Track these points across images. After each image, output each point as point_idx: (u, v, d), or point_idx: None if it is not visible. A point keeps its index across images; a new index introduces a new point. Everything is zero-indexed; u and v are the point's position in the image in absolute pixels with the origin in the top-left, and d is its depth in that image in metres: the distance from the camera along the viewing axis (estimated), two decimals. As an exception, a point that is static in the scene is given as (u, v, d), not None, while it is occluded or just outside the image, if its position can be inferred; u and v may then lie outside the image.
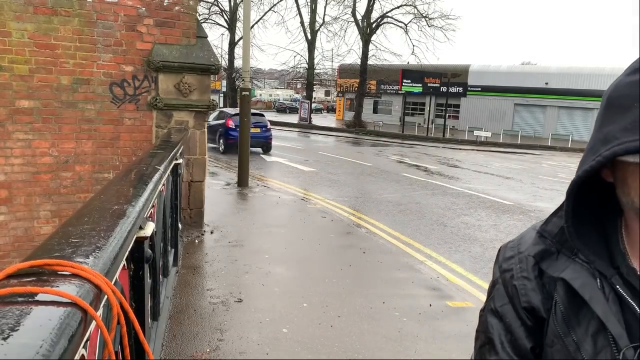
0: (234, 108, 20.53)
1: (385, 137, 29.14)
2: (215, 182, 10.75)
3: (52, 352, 0.76)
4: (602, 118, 0.77)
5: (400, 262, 6.16)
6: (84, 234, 1.43)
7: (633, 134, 0.70)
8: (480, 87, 35.66)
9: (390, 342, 4.01)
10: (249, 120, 10.69)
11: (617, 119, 0.74)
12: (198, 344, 3.81)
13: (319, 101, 63.99)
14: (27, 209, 6.02)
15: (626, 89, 0.75)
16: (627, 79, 0.76)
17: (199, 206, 7.15)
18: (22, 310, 0.85)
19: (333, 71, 44.50)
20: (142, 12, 6.23)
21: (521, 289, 0.90)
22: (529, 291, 0.89)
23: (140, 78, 6.34)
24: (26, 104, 5.87)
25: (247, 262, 5.75)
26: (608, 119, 0.75)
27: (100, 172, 6.30)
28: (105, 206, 1.89)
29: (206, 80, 6.73)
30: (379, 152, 20.52)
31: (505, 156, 22.02)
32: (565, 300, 0.83)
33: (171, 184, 4.55)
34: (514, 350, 0.92)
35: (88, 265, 1.13)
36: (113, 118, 6.30)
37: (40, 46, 5.83)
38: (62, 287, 0.97)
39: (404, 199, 10.34)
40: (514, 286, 0.91)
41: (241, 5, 31.90)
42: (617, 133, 0.72)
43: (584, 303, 0.81)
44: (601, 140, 0.74)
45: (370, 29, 32.94)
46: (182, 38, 6.47)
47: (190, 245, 6.32)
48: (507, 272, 0.93)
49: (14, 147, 5.89)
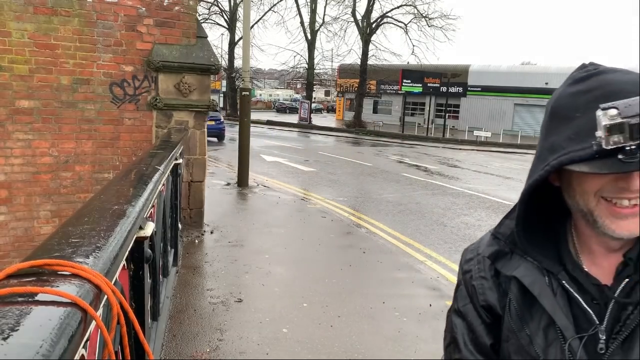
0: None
1: (385, 137, 29.14)
2: (215, 182, 10.75)
3: (52, 352, 0.76)
4: (548, 127, 0.81)
5: (400, 262, 6.16)
6: (84, 234, 1.43)
7: (577, 144, 0.74)
8: (480, 87, 35.64)
9: (390, 342, 4.01)
10: (249, 120, 10.69)
11: (561, 129, 0.78)
12: (198, 344, 3.81)
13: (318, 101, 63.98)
14: (27, 209, 6.02)
15: (568, 100, 0.79)
16: (569, 89, 0.80)
17: (198, 206, 7.15)
18: (22, 310, 0.85)
19: (333, 71, 44.49)
20: (142, 12, 6.23)
21: (479, 288, 0.95)
22: (486, 290, 0.94)
23: (140, 78, 6.34)
24: (26, 104, 5.87)
25: (247, 262, 5.75)
26: (553, 128, 0.80)
27: (100, 172, 6.30)
28: (105, 206, 1.89)
29: (206, 80, 6.73)
30: (378, 152, 20.52)
31: (506, 156, 22.01)
32: (519, 298, 0.88)
33: (171, 184, 4.55)
34: (475, 347, 0.97)
35: (88, 265, 1.13)
36: (113, 118, 6.30)
37: (40, 46, 5.83)
38: (62, 287, 0.97)
39: (404, 199, 10.35)
40: (472, 286, 0.96)
41: (241, 5, 31.90)
42: (563, 142, 0.76)
43: (535, 299, 0.86)
44: (548, 150, 0.79)
45: (370, 29, 32.93)
46: (182, 38, 6.47)
47: (190, 245, 6.32)
48: (467, 273, 0.99)
49: (14, 147, 5.89)
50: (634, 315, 0.80)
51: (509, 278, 0.90)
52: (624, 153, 0.70)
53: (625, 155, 0.70)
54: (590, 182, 0.78)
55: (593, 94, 0.76)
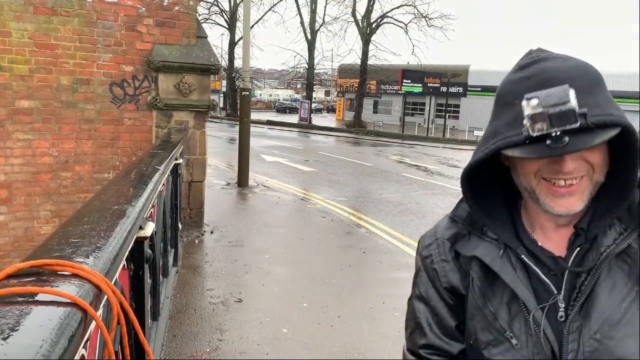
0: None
1: (385, 137, 29.12)
2: (215, 182, 10.75)
3: (52, 352, 0.76)
4: (493, 112, 0.87)
5: (400, 262, 6.16)
6: (83, 234, 1.43)
7: (513, 130, 0.79)
8: (480, 87, 35.62)
9: (390, 342, 4.00)
10: (249, 120, 10.69)
11: (503, 114, 0.84)
12: (198, 344, 3.81)
13: (319, 101, 63.95)
14: (27, 209, 6.02)
15: (510, 86, 0.84)
16: (513, 76, 0.86)
17: (199, 206, 7.15)
18: (22, 310, 0.85)
19: (333, 71, 44.49)
20: (142, 12, 6.23)
21: (441, 271, 0.97)
22: (448, 272, 0.97)
23: (140, 78, 6.34)
24: (26, 104, 5.87)
25: (247, 262, 5.75)
26: (497, 113, 0.86)
27: (100, 172, 6.30)
28: (105, 206, 1.88)
29: (206, 80, 6.73)
30: (379, 152, 20.52)
31: (505, 156, 21.95)
32: (481, 276, 0.92)
33: (171, 184, 4.55)
34: (441, 330, 1.00)
35: (88, 265, 1.13)
36: (113, 118, 6.30)
37: (40, 46, 5.83)
38: (62, 287, 0.97)
39: (404, 199, 10.34)
40: (434, 269, 0.98)
41: (241, 5, 31.90)
42: (502, 128, 0.82)
43: (496, 277, 0.90)
44: (490, 133, 0.84)
45: (370, 29, 32.93)
46: (182, 38, 6.47)
47: (190, 245, 6.32)
48: (427, 258, 1.01)
49: (14, 147, 5.89)
50: (588, 281, 0.85)
51: (469, 258, 0.93)
52: (550, 139, 0.75)
53: (552, 140, 0.75)
54: (529, 164, 0.84)
55: (532, 80, 0.80)
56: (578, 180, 0.82)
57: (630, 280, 0.84)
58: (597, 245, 0.86)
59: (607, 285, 0.85)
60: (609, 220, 0.86)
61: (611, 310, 0.84)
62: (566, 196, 0.83)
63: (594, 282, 0.85)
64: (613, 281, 0.85)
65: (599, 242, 0.86)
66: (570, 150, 0.76)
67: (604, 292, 0.84)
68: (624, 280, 0.84)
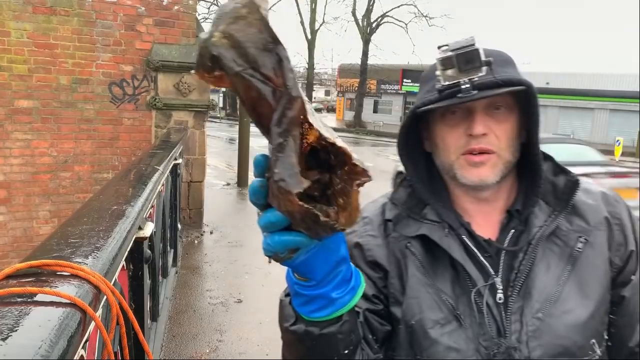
0: None
1: (386, 137, 29.10)
2: (215, 182, 10.75)
3: (51, 353, 0.76)
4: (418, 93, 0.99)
5: (400, 262, 6.16)
6: (83, 234, 1.43)
7: (429, 93, 0.91)
8: (479, 87, 35.62)
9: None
10: (249, 120, 10.68)
11: (424, 88, 0.95)
12: (197, 345, 3.81)
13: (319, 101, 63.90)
14: (26, 209, 6.02)
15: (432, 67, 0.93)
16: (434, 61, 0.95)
17: (198, 206, 7.14)
18: (21, 310, 0.85)
19: (333, 71, 44.53)
20: (142, 11, 6.22)
21: (366, 245, 0.98)
22: (374, 247, 0.98)
23: (139, 78, 6.33)
24: (25, 104, 5.87)
25: (246, 263, 5.75)
26: (420, 90, 0.97)
27: (100, 172, 6.29)
28: (105, 206, 1.88)
29: (206, 80, 6.72)
30: (379, 152, 20.51)
31: (505, 156, 21.99)
32: (424, 255, 0.94)
33: (170, 184, 4.54)
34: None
35: (87, 265, 1.13)
36: (112, 118, 6.29)
37: (39, 46, 5.82)
38: (61, 287, 0.96)
39: (404, 199, 10.34)
40: (357, 243, 0.99)
41: (241, 5, 31.83)
42: (422, 95, 0.94)
43: (438, 258, 0.93)
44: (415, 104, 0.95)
45: (371, 29, 32.94)
46: (182, 38, 6.46)
47: (190, 245, 6.32)
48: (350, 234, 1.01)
49: (13, 147, 5.88)
50: (525, 262, 0.89)
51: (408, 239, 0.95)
52: (461, 92, 0.84)
53: (462, 93, 0.84)
54: (448, 138, 0.92)
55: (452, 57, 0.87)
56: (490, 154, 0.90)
57: (562, 261, 0.90)
58: (529, 227, 0.92)
59: (543, 265, 0.90)
60: (534, 199, 0.93)
61: (550, 289, 0.88)
62: (478, 165, 0.90)
63: (530, 262, 0.89)
64: (547, 262, 0.90)
65: (530, 223, 0.92)
66: (477, 97, 0.84)
67: (541, 272, 0.89)
68: (556, 261, 0.90)
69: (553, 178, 0.96)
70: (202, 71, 0.57)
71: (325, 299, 0.71)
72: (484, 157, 0.90)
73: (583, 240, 0.92)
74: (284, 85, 0.55)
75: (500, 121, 0.90)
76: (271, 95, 0.55)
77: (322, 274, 0.68)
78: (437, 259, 0.93)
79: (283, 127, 0.55)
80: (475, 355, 0.87)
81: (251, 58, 0.55)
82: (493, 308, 0.89)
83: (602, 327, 0.92)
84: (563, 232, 0.92)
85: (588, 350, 0.88)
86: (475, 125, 0.88)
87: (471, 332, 0.88)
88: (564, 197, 0.93)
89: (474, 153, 0.90)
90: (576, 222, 0.93)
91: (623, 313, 0.94)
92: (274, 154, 0.54)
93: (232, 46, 0.54)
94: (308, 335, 0.76)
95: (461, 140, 0.91)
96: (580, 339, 0.87)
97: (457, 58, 0.84)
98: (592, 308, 0.89)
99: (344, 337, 0.77)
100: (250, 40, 0.55)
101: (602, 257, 0.92)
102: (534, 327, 0.87)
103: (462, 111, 0.91)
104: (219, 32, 0.55)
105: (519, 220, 0.94)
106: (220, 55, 0.54)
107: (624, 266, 0.93)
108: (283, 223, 0.60)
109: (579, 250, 0.91)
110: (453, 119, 0.91)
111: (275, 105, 0.55)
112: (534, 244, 0.90)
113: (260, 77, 0.55)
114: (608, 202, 0.96)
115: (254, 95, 0.55)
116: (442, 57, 0.85)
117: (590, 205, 0.95)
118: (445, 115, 0.92)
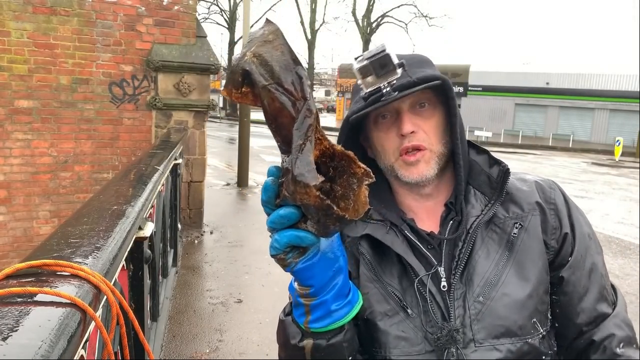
0: None
1: (385, 137, 29.08)
2: (215, 182, 10.75)
3: (51, 353, 0.76)
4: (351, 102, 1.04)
5: (400, 262, 6.16)
6: (83, 234, 1.43)
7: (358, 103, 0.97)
8: (480, 86, 35.63)
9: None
10: (249, 120, 10.68)
11: (353, 99, 1.01)
12: (197, 345, 3.81)
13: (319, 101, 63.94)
14: (26, 209, 6.02)
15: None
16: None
17: (198, 206, 7.14)
18: (21, 310, 0.85)
19: (333, 71, 44.53)
20: (142, 11, 6.22)
21: None
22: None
23: (139, 78, 6.33)
24: (25, 104, 5.87)
25: (246, 263, 5.75)
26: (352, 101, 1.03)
27: (100, 172, 6.29)
28: (105, 206, 1.88)
29: (206, 80, 6.72)
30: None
31: (506, 156, 22.00)
32: (371, 253, 0.99)
33: (170, 184, 4.55)
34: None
35: (87, 265, 1.12)
36: (112, 118, 6.29)
37: (39, 46, 5.82)
38: (61, 287, 0.96)
39: (404, 199, 10.33)
40: None
41: (241, 5, 31.90)
42: (352, 105, 1.00)
43: (385, 254, 0.98)
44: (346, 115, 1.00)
45: (371, 29, 32.96)
46: (182, 38, 6.46)
47: (190, 245, 6.32)
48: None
49: (13, 147, 5.88)
50: (465, 249, 0.95)
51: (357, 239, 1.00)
52: (384, 96, 0.90)
53: (385, 96, 0.90)
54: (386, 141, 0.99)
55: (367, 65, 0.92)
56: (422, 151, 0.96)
57: (500, 247, 0.96)
58: (465, 216, 0.97)
59: (482, 252, 0.95)
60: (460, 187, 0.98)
61: (489, 274, 0.93)
62: (414, 164, 0.96)
63: (470, 250, 0.95)
64: (487, 248, 0.95)
65: (467, 213, 0.98)
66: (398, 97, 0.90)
67: (481, 259, 0.95)
68: (495, 247, 0.96)
69: (488, 170, 1.01)
70: (230, 87, 0.69)
71: (323, 309, 0.79)
72: (418, 155, 0.96)
73: (518, 226, 0.97)
74: (304, 98, 0.66)
75: (426, 117, 0.97)
76: (291, 106, 0.66)
77: (322, 281, 0.75)
78: (385, 255, 0.98)
79: (303, 130, 0.65)
80: (423, 342, 0.92)
81: (276, 75, 0.66)
82: (437, 295, 0.93)
83: (543, 307, 0.96)
84: (500, 219, 0.97)
85: (530, 329, 0.92)
86: (404, 125, 0.95)
87: (418, 320, 0.93)
88: (497, 186, 0.99)
89: (408, 152, 0.96)
90: (512, 209, 0.98)
91: (564, 292, 0.98)
92: (295, 154, 0.64)
93: (261, 64, 0.66)
94: (316, 348, 0.83)
95: (395, 142, 0.97)
96: (519, 318, 0.91)
97: (372, 65, 0.89)
98: (530, 289, 0.93)
99: (348, 344, 0.85)
100: (276, 60, 0.66)
101: (537, 240, 0.97)
102: (476, 310, 0.92)
103: (391, 114, 0.98)
104: (250, 52, 0.67)
105: (456, 211, 0.99)
106: (251, 71, 0.66)
107: (559, 248, 0.98)
108: (292, 218, 0.68)
109: (514, 236, 0.96)
110: (385, 124, 0.98)
111: (295, 115, 0.66)
112: (471, 233, 0.95)
113: (283, 91, 0.66)
114: (542, 189, 1.02)
115: (277, 106, 0.66)
116: (359, 67, 0.91)
117: (524, 192, 1.00)
118: (378, 121, 0.99)
